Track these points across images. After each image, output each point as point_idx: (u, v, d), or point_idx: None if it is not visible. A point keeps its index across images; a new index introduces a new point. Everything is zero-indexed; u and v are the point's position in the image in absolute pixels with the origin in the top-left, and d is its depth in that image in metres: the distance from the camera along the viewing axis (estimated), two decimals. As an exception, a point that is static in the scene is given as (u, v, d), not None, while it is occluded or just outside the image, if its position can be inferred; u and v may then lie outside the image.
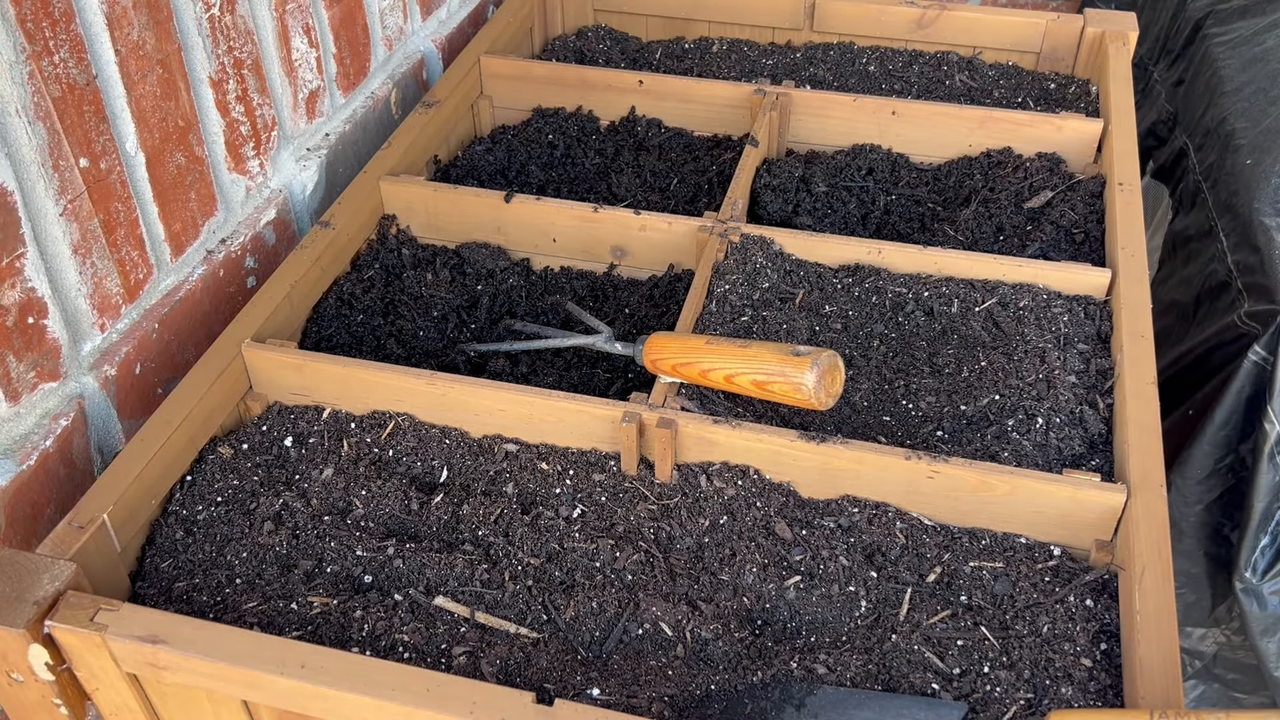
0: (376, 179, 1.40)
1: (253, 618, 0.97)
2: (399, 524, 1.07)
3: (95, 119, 1.05)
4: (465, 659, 0.93)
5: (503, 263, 1.41)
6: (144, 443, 1.05)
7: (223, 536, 1.05)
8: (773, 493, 1.07)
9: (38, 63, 0.97)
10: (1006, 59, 1.74)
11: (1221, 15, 1.95)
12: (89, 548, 0.96)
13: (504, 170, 1.58)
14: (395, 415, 1.16)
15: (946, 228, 1.44)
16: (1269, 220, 1.50)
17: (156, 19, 1.11)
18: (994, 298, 1.25)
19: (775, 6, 1.80)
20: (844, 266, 1.31)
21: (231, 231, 1.30)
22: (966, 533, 1.05)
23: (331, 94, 1.46)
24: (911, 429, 1.14)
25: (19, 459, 1.02)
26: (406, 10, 1.61)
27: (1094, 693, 0.91)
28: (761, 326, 1.21)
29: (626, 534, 1.05)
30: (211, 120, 1.23)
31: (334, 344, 1.28)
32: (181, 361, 1.23)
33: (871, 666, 0.93)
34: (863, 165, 1.53)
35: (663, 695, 0.90)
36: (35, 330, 1.03)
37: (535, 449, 1.13)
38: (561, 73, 1.63)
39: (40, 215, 1.01)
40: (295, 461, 1.13)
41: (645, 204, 1.50)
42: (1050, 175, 1.47)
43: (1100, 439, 1.10)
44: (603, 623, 0.97)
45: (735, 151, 1.56)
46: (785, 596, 1.00)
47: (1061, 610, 0.96)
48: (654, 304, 1.34)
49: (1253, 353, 1.44)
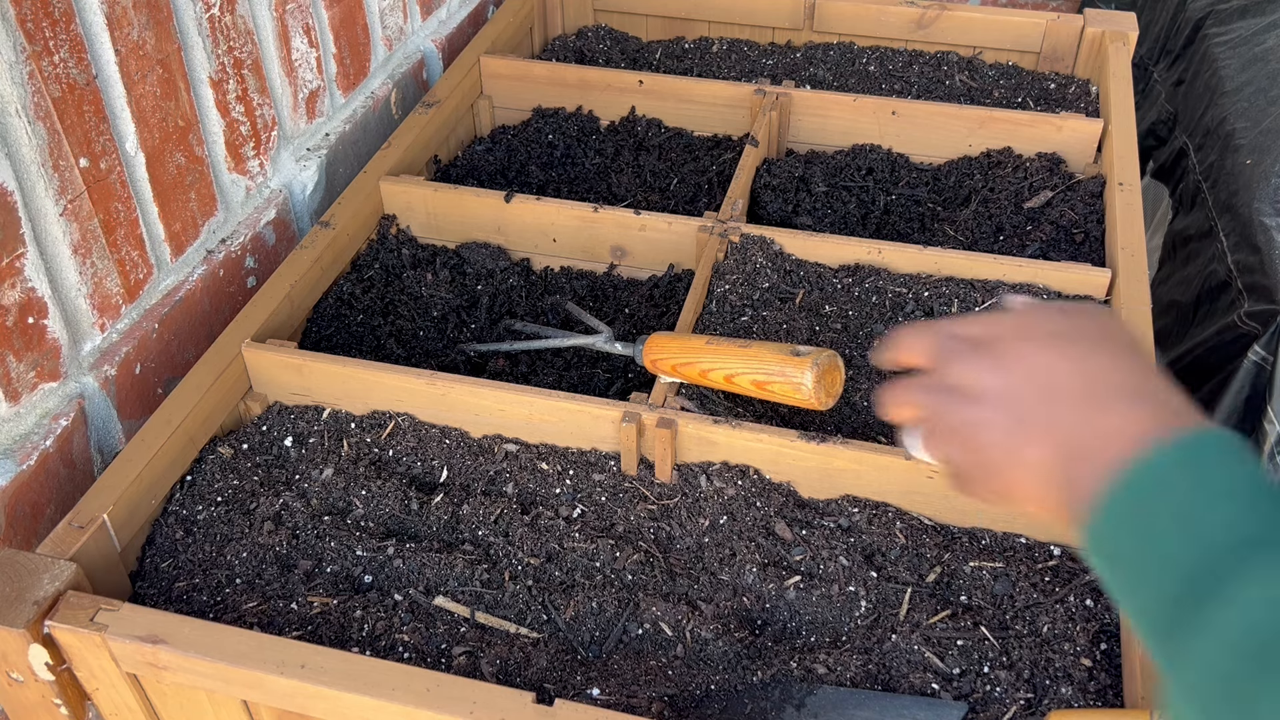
0: (376, 179, 1.40)
1: (253, 618, 0.97)
2: (399, 524, 1.07)
3: (95, 119, 1.05)
4: (465, 659, 0.93)
5: (503, 263, 1.41)
6: (144, 443, 1.05)
7: (223, 536, 1.05)
8: (773, 493, 1.07)
9: (38, 63, 0.97)
10: (1006, 59, 1.74)
11: (1221, 15, 1.95)
12: (89, 548, 0.96)
13: (504, 170, 1.58)
14: (395, 415, 1.16)
15: (946, 228, 1.44)
16: (1269, 220, 1.50)
17: (156, 19, 1.11)
18: (994, 298, 1.25)
19: (775, 6, 1.80)
20: (844, 266, 1.31)
21: (231, 231, 1.30)
22: (966, 533, 1.05)
23: (331, 94, 1.46)
24: (911, 429, 1.14)
25: (19, 459, 1.02)
26: (406, 10, 1.61)
27: (1094, 693, 0.91)
28: (761, 326, 1.21)
29: (626, 534, 1.05)
30: (211, 120, 1.23)
31: (334, 344, 1.28)
32: (181, 361, 1.23)
33: (871, 666, 0.93)
34: (862, 165, 1.53)
35: (662, 695, 0.90)
36: (35, 330, 1.03)
37: (535, 449, 1.13)
38: (561, 73, 1.63)
39: (40, 215, 1.01)
40: (295, 461, 1.13)
41: (645, 204, 1.50)
42: (1050, 175, 1.47)
43: (1100, 439, 1.10)
44: (603, 623, 0.97)
45: (735, 151, 1.56)
46: (785, 596, 1.00)
47: (1061, 610, 0.96)
48: (654, 304, 1.34)
49: (1253, 353, 1.44)
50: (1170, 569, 0.50)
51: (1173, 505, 0.51)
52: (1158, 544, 0.51)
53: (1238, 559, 0.48)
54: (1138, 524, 0.53)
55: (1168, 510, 0.52)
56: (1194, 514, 0.51)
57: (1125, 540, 0.53)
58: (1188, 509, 0.51)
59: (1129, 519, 0.53)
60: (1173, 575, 0.50)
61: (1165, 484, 0.53)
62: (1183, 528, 0.50)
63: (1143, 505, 0.53)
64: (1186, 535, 0.50)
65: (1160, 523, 0.52)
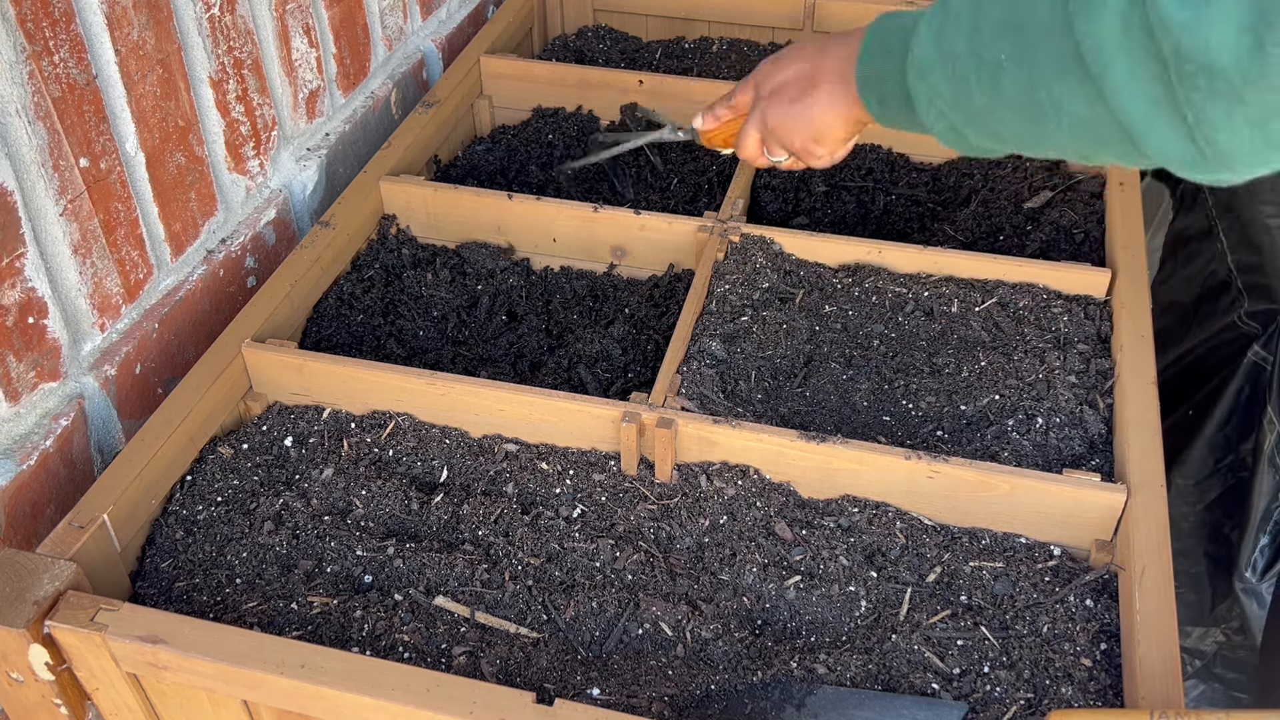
0: (376, 179, 1.40)
1: (253, 618, 0.97)
2: (399, 524, 1.07)
3: (95, 119, 1.05)
4: (465, 659, 0.93)
5: (503, 263, 1.41)
6: (144, 443, 1.05)
7: (223, 536, 1.05)
8: (773, 493, 1.07)
9: (38, 63, 0.97)
10: (1006, 59, 1.74)
11: (1221, 15, 1.94)
12: (89, 548, 0.96)
13: (504, 170, 1.58)
14: (395, 415, 1.16)
15: (946, 227, 1.44)
16: (1269, 220, 1.50)
17: (156, 19, 1.11)
18: (994, 298, 1.25)
19: (775, 6, 1.80)
20: (844, 266, 1.31)
21: (231, 231, 1.30)
22: (966, 533, 1.05)
23: (331, 94, 1.46)
24: (911, 429, 1.14)
25: (19, 459, 1.02)
26: (406, 10, 1.61)
27: (1094, 693, 0.91)
28: (761, 326, 1.21)
29: (626, 534, 1.05)
30: (211, 120, 1.23)
31: (334, 344, 1.28)
32: (181, 361, 1.23)
33: (871, 666, 0.93)
34: (862, 165, 1.53)
35: (663, 695, 0.90)
36: (35, 330, 1.03)
37: (535, 449, 1.13)
38: (561, 73, 1.63)
39: (40, 215, 1.01)
40: (295, 461, 1.13)
41: (645, 204, 1.50)
42: (1049, 175, 1.47)
43: (1100, 439, 1.10)
44: (603, 623, 0.97)
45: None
46: (785, 596, 1.00)
47: (1061, 610, 0.96)
48: (654, 304, 1.34)
49: (1253, 353, 1.44)
50: (893, 49, 0.88)
51: (885, 34, 0.91)
52: (886, 48, 0.90)
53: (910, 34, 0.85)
54: (875, 55, 0.92)
55: (884, 37, 0.91)
56: (892, 29, 0.90)
57: (872, 64, 0.92)
58: (891, 30, 0.90)
59: (871, 57, 0.92)
60: (895, 51, 0.88)
61: (879, 29, 0.92)
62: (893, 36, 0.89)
63: (874, 46, 0.92)
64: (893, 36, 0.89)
65: (885, 42, 0.90)
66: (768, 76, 1.06)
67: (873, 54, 0.92)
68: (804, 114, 1.02)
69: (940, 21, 0.81)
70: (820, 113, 1.01)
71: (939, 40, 0.81)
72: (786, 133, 1.04)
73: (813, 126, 1.02)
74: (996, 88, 0.76)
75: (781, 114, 1.04)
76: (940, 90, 0.82)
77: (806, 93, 1.01)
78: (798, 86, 1.02)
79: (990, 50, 0.76)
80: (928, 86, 0.83)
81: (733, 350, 1.19)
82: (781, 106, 1.04)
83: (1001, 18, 0.75)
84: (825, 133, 1.02)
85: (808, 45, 1.04)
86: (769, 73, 1.06)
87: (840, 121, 1.01)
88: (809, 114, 1.01)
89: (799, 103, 1.02)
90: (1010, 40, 0.74)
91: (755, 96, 1.08)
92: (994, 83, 0.76)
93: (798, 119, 1.02)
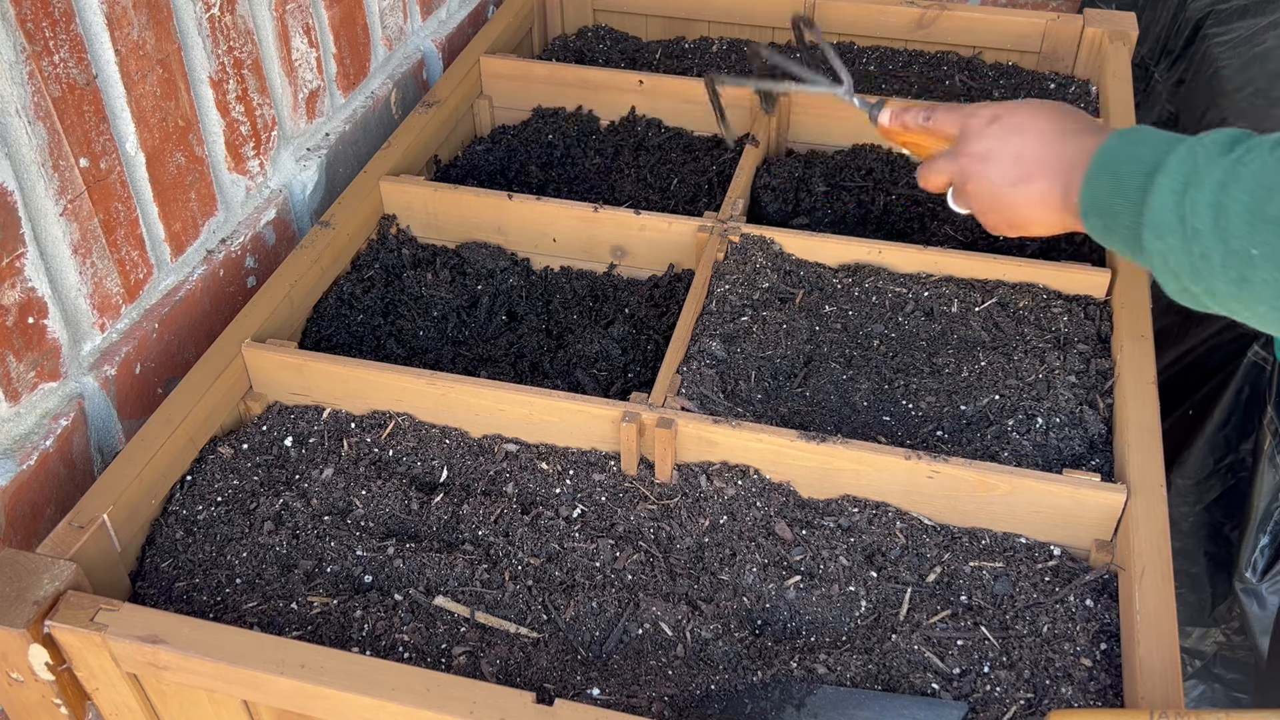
0: (376, 179, 1.40)
1: (253, 618, 0.97)
2: (399, 524, 1.07)
3: (95, 119, 1.05)
4: (465, 659, 0.93)
5: (503, 263, 1.41)
6: (144, 443, 1.05)
7: (223, 536, 1.05)
8: (773, 493, 1.07)
9: (38, 63, 0.97)
10: (1006, 59, 1.74)
11: (1221, 15, 1.95)
12: (89, 548, 0.96)
13: (504, 170, 1.58)
14: (395, 415, 1.16)
15: (946, 228, 1.44)
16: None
17: (156, 19, 1.11)
18: (994, 298, 1.25)
19: (775, 6, 1.80)
20: (844, 266, 1.31)
21: (232, 231, 1.30)
22: (966, 533, 1.05)
23: (331, 94, 1.46)
24: (911, 429, 1.14)
25: (19, 459, 1.02)
26: (406, 10, 1.61)
27: (1094, 693, 0.91)
28: (761, 326, 1.21)
29: (626, 534, 1.05)
30: (211, 120, 1.23)
31: (334, 344, 1.28)
32: (181, 361, 1.23)
33: (871, 666, 0.93)
34: (862, 165, 1.53)
35: (663, 695, 0.90)
36: (35, 330, 1.03)
37: (535, 449, 1.13)
38: (561, 73, 1.63)
39: (40, 215, 1.01)
40: (295, 461, 1.13)
41: (645, 204, 1.50)
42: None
43: (1100, 439, 1.10)
44: (603, 623, 0.97)
45: (735, 151, 1.56)
46: (785, 596, 1.00)
47: (1061, 610, 0.96)
48: (654, 304, 1.34)
49: (1252, 352, 1.44)
50: (1128, 187, 0.81)
51: (1120, 161, 0.83)
52: (1119, 180, 0.82)
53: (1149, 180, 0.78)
54: (1105, 179, 0.84)
55: (1118, 164, 0.83)
56: (1129, 158, 0.82)
57: (1101, 188, 0.84)
58: (1127, 159, 0.82)
59: (1101, 179, 0.84)
60: (1129, 192, 0.80)
61: (1114, 152, 0.84)
62: (1129, 168, 0.81)
63: (1105, 169, 0.84)
64: (1130, 168, 0.81)
65: (1117, 170, 0.83)
66: (980, 135, 0.96)
67: (1103, 181, 0.84)
68: (1009, 202, 0.94)
69: (1184, 181, 0.75)
70: (1028, 210, 0.93)
71: (1180, 205, 0.75)
72: (982, 204, 0.97)
73: (1017, 216, 0.95)
74: (1244, 281, 0.72)
75: (986, 190, 0.95)
76: (1180, 261, 0.76)
77: (1020, 182, 0.92)
78: (1014, 169, 0.93)
79: (1239, 240, 0.71)
80: (1164, 247, 0.77)
81: (733, 350, 1.19)
82: (987, 181, 0.95)
83: (1252, 206, 0.70)
84: (1027, 226, 0.95)
85: (1036, 119, 0.93)
86: (983, 131, 0.96)
87: (1048, 224, 0.93)
88: (1014, 205, 0.94)
89: (1007, 187, 0.93)
90: (1264, 235, 0.69)
91: (961, 142, 0.98)
92: (1241, 275, 0.71)
93: (1000, 202, 0.95)
